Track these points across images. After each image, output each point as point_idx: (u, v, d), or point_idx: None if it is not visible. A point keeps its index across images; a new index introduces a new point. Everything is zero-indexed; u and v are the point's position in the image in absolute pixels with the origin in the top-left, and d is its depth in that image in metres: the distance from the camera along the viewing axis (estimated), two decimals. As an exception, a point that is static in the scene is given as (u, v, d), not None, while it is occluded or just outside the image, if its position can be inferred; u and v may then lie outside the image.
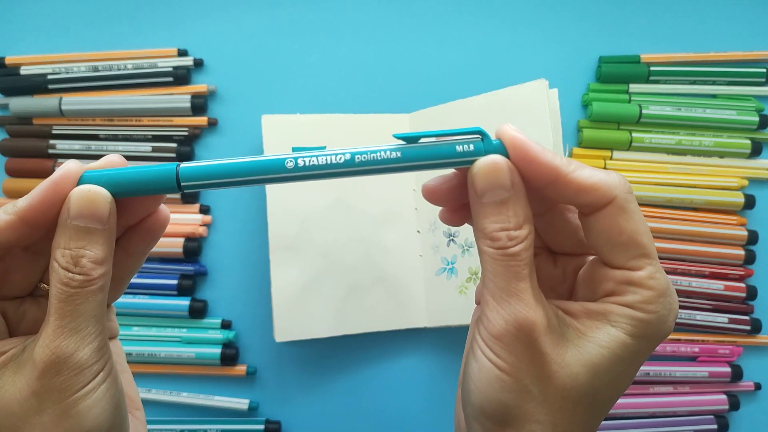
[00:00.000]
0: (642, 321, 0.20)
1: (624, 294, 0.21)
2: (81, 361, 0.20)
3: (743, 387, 0.49)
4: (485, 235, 0.21)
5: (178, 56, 0.50)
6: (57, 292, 0.20)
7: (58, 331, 0.20)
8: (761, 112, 0.50)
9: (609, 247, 0.21)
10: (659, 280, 0.21)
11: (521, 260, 0.20)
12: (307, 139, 0.47)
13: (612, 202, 0.21)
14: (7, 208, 0.21)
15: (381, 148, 0.21)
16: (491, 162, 0.21)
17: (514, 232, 0.20)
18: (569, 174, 0.21)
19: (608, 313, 0.21)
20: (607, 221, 0.21)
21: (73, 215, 0.20)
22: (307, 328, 0.46)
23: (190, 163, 0.21)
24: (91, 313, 0.20)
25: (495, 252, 0.21)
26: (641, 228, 0.21)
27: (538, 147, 0.21)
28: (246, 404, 0.47)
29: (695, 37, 0.52)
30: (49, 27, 0.51)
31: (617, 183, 0.21)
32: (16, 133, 0.50)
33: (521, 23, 0.52)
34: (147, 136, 0.49)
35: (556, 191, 0.21)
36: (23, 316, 0.23)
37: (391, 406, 0.48)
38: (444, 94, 0.49)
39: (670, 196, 0.49)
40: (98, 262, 0.20)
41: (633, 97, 0.50)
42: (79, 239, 0.20)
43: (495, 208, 0.21)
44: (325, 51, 0.51)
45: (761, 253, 0.49)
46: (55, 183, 0.20)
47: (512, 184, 0.21)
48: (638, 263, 0.21)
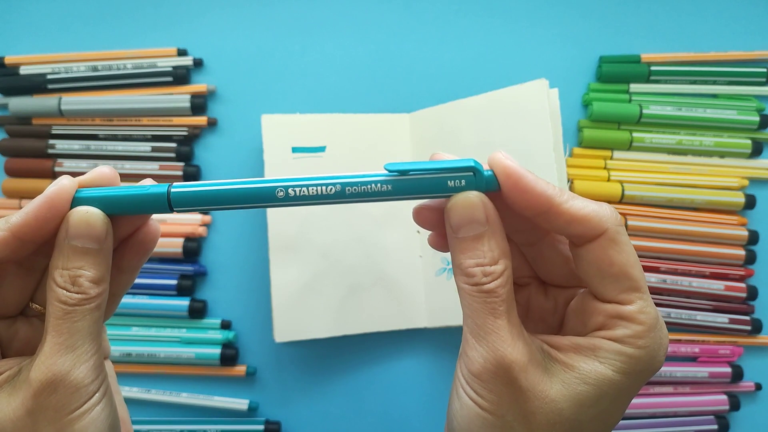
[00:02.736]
0: (631, 357, 0.20)
1: (614, 328, 0.21)
2: (77, 380, 0.20)
3: (744, 387, 0.49)
4: (461, 271, 0.21)
5: (178, 56, 0.50)
6: (54, 309, 0.20)
7: (54, 348, 0.20)
8: (762, 112, 0.50)
9: (599, 279, 0.21)
10: (649, 314, 0.21)
11: (498, 296, 0.20)
12: (307, 139, 0.47)
13: (603, 234, 0.20)
14: (0, 224, 0.21)
15: (372, 179, 0.21)
16: (465, 198, 0.21)
17: (490, 268, 0.20)
18: (562, 204, 0.20)
19: (597, 349, 0.21)
20: (598, 253, 0.21)
21: (71, 236, 0.21)
22: (306, 329, 0.46)
23: (182, 186, 0.22)
24: (87, 330, 0.21)
25: (471, 288, 0.20)
26: (632, 260, 0.21)
27: (531, 176, 0.21)
28: (246, 404, 0.47)
29: (696, 37, 0.52)
30: (49, 27, 0.51)
31: (608, 215, 0.21)
32: (15, 133, 0.50)
33: (521, 23, 0.52)
34: (146, 136, 0.49)
35: (547, 221, 0.21)
36: (15, 336, 0.23)
37: (391, 407, 0.48)
38: (444, 94, 0.49)
39: (671, 196, 0.49)
40: (95, 281, 0.21)
41: (633, 97, 0.50)
42: (77, 259, 0.21)
43: (470, 243, 0.21)
44: (325, 51, 0.51)
45: (762, 253, 0.49)
46: (49, 200, 0.21)
47: (487, 219, 0.21)
48: (628, 297, 0.21)
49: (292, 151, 0.47)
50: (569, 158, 0.50)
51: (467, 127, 0.46)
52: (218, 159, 0.50)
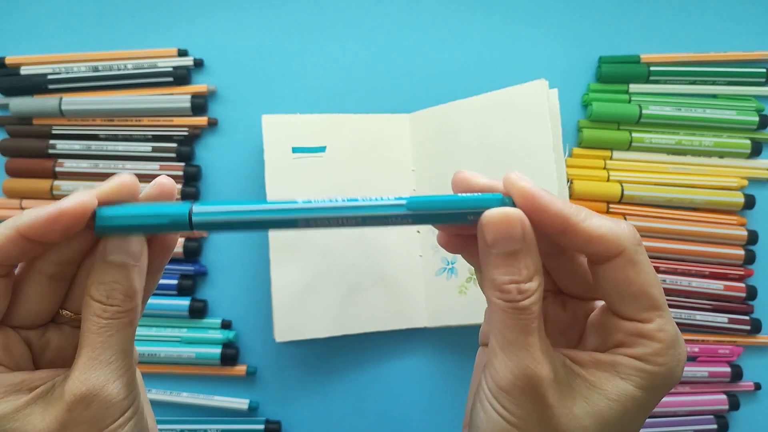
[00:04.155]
0: (651, 373, 0.20)
1: (634, 346, 0.21)
2: (111, 395, 0.20)
3: (743, 387, 0.49)
4: (495, 286, 0.20)
5: (178, 56, 0.50)
6: (90, 324, 0.21)
7: (89, 362, 0.20)
8: (761, 112, 0.50)
9: (618, 298, 0.21)
10: (669, 331, 0.21)
11: (531, 314, 0.20)
12: (308, 139, 0.47)
13: (621, 254, 0.20)
14: (8, 223, 0.21)
15: (393, 214, 0.21)
16: (502, 213, 0.20)
17: (525, 285, 0.20)
18: (579, 223, 0.20)
19: (618, 365, 0.21)
20: (617, 273, 0.21)
21: (110, 250, 0.21)
22: (307, 328, 0.46)
23: (203, 207, 0.22)
24: (121, 345, 0.21)
25: (504, 304, 0.20)
26: (651, 279, 0.21)
27: (547, 196, 0.20)
28: (246, 404, 0.47)
29: (695, 37, 0.52)
30: (50, 27, 0.51)
31: (626, 234, 0.21)
32: (16, 133, 0.50)
33: (521, 23, 0.52)
34: (147, 136, 0.49)
35: (566, 239, 0.21)
36: (47, 345, 0.24)
37: (391, 406, 0.48)
38: (444, 94, 0.49)
39: (670, 196, 0.49)
40: (130, 295, 0.21)
41: (633, 97, 0.50)
42: (114, 273, 0.21)
43: (505, 259, 0.20)
44: (325, 51, 0.51)
45: (761, 253, 0.49)
46: (62, 213, 0.20)
47: (524, 236, 0.20)
48: (648, 315, 0.21)
49: (292, 152, 0.47)
50: (569, 158, 0.50)
51: (467, 128, 0.46)
52: (219, 159, 0.50)
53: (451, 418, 0.49)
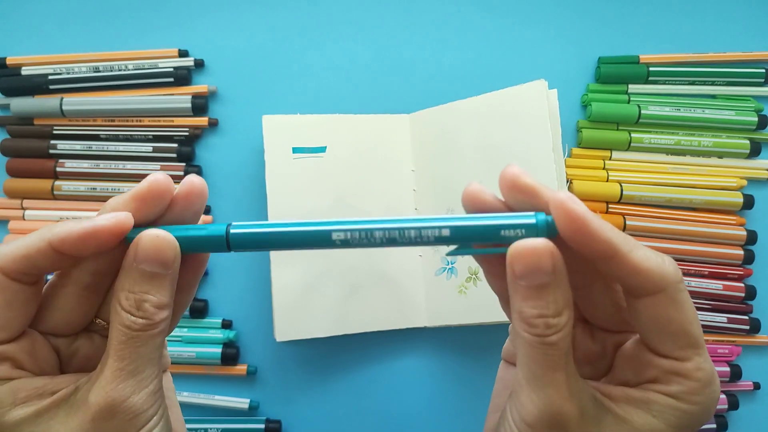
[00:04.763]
0: (685, 413, 0.20)
1: (669, 383, 0.20)
2: (136, 406, 0.20)
3: (742, 386, 0.49)
4: (522, 319, 0.20)
5: (179, 57, 0.50)
6: (118, 334, 0.20)
7: (116, 373, 0.20)
8: (760, 113, 0.50)
9: (657, 335, 0.21)
10: (706, 370, 0.20)
11: (559, 350, 0.19)
12: (308, 139, 0.47)
13: (664, 291, 0.20)
14: (41, 233, 0.20)
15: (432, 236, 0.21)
16: (532, 245, 0.19)
17: (553, 320, 0.19)
18: (627, 254, 0.19)
19: (650, 402, 0.20)
20: (657, 310, 0.20)
21: (140, 259, 0.20)
22: (307, 328, 0.46)
23: (241, 227, 0.21)
24: (149, 356, 0.21)
25: (532, 339, 0.19)
26: (691, 318, 0.20)
27: (597, 221, 0.19)
28: (246, 404, 0.47)
29: (694, 38, 0.52)
30: (50, 27, 0.51)
31: (671, 271, 0.20)
32: (17, 134, 0.50)
33: (521, 24, 0.52)
34: (148, 136, 0.49)
35: (608, 267, 0.20)
36: (75, 353, 0.23)
37: (392, 406, 0.49)
38: (444, 94, 0.49)
39: (670, 196, 0.49)
40: (161, 306, 0.21)
41: (632, 98, 0.51)
42: (144, 283, 0.20)
43: (534, 292, 0.19)
44: (325, 51, 0.52)
45: (760, 253, 0.49)
46: (96, 231, 0.20)
47: (554, 269, 0.19)
48: (686, 354, 0.20)
49: (292, 152, 0.47)
50: (568, 158, 0.50)
51: (467, 128, 0.46)
52: (219, 159, 0.50)
53: (451, 418, 0.49)
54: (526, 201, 0.21)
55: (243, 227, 0.21)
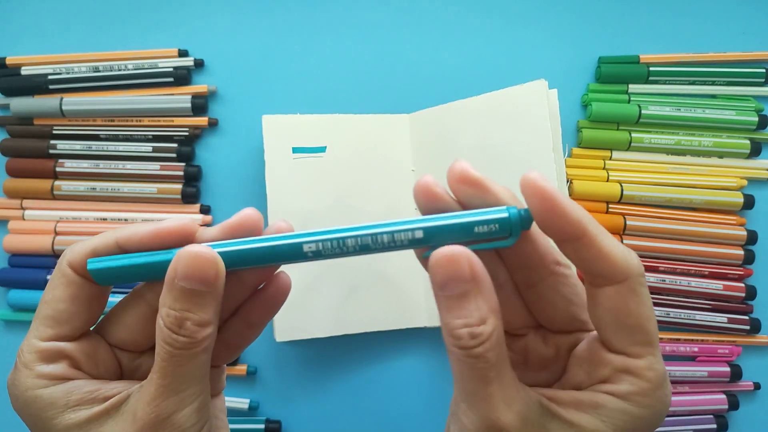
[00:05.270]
0: (634, 417, 0.20)
1: (619, 382, 0.20)
2: (179, 423, 0.20)
3: (742, 387, 0.49)
4: (448, 332, 0.19)
5: (179, 56, 0.50)
6: (161, 350, 0.20)
7: (159, 390, 0.20)
8: (760, 113, 0.50)
9: (613, 328, 0.20)
10: (658, 371, 0.20)
11: (487, 362, 0.19)
12: (308, 139, 0.47)
13: (626, 281, 0.20)
14: (112, 232, 0.21)
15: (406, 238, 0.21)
16: (448, 253, 0.19)
17: (477, 329, 0.19)
18: (595, 237, 0.19)
19: (599, 406, 0.20)
20: (617, 300, 0.20)
21: (180, 276, 0.20)
22: (307, 328, 0.46)
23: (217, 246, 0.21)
24: (193, 374, 0.20)
25: (459, 352, 0.19)
26: (649, 314, 0.20)
27: (568, 201, 0.19)
28: (246, 404, 0.47)
29: (694, 38, 0.52)
30: (50, 27, 0.51)
31: (636, 263, 0.20)
32: (16, 134, 0.50)
33: (521, 24, 0.52)
34: (147, 136, 0.49)
35: (574, 250, 0.20)
36: (138, 368, 0.24)
37: (392, 406, 0.49)
38: (444, 94, 0.49)
39: (670, 196, 0.49)
40: (203, 324, 0.20)
41: (632, 98, 0.51)
42: (185, 301, 0.20)
43: (455, 301, 0.19)
44: (325, 51, 0.52)
45: (760, 253, 0.49)
46: (162, 232, 0.21)
47: (472, 276, 0.19)
48: (640, 350, 0.20)
49: (292, 152, 0.47)
50: (568, 158, 0.50)
51: (467, 128, 0.46)
52: (219, 159, 0.50)
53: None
54: (474, 195, 0.21)
55: (218, 246, 0.21)
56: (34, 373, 0.21)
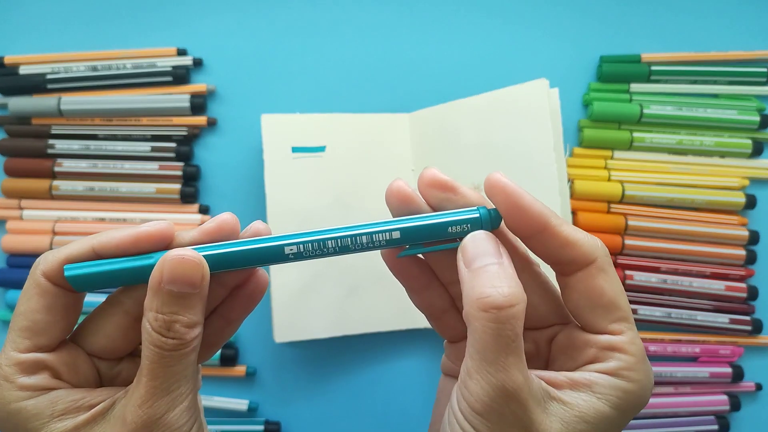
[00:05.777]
0: (626, 392, 0.21)
1: (607, 360, 0.21)
2: (171, 422, 0.20)
3: (744, 387, 0.49)
4: (475, 299, 0.20)
5: (178, 56, 0.50)
6: (150, 353, 0.20)
7: (150, 391, 0.20)
8: (762, 112, 0.50)
9: (589, 310, 0.21)
10: (639, 345, 0.21)
11: (512, 330, 0.19)
12: (307, 138, 0.47)
13: (593, 263, 0.21)
14: (87, 239, 0.21)
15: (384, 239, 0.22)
16: (477, 233, 0.21)
17: (507, 294, 0.20)
18: (557, 226, 0.21)
19: (593, 384, 0.21)
20: (589, 282, 0.21)
21: (167, 280, 0.20)
22: (306, 329, 0.45)
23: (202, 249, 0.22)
24: (183, 373, 0.21)
25: (486, 316, 0.19)
26: (619, 290, 0.21)
27: (528, 196, 0.21)
28: (245, 405, 0.47)
29: (696, 37, 0.52)
30: (48, 26, 0.51)
31: (599, 245, 0.21)
32: (14, 133, 0.49)
33: (522, 23, 0.52)
34: (146, 135, 0.49)
35: (541, 243, 0.21)
36: (117, 375, 0.24)
37: (391, 407, 0.48)
38: (444, 93, 0.49)
39: (671, 196, 0.49)
40: (191, 325, 0.21)
41: (634, 97, 0.50)
42: (173, 304, 0.20)
43: (484, 273, 0.20)
44: (324, 50, 0.51)
45: (762, 253, 0.49)
46: (139, 236, 0.21)
47: (502, 253, 0.21)
48: (619, 327, 0.21)
49: (291, 151, 0.47)
50: (570, 158, 0.50)
51: (467, 127, 0.46)
52: (218, 159, 0.50)
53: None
54: (443, 197, 0.23)
55: (200, 249, 0.21)
56: (16, 386, 0.21)
